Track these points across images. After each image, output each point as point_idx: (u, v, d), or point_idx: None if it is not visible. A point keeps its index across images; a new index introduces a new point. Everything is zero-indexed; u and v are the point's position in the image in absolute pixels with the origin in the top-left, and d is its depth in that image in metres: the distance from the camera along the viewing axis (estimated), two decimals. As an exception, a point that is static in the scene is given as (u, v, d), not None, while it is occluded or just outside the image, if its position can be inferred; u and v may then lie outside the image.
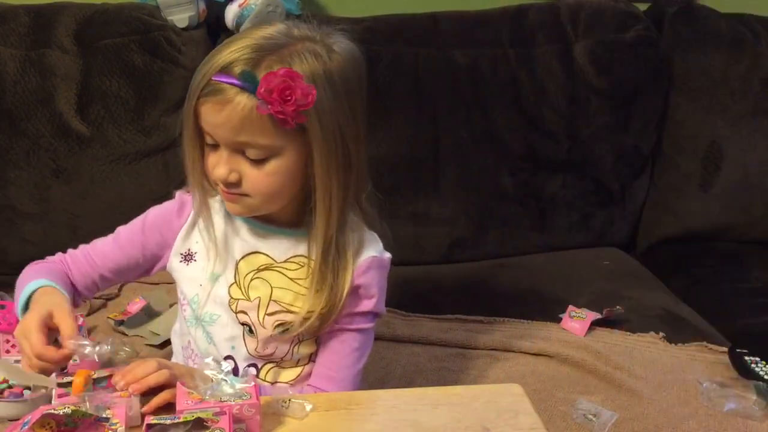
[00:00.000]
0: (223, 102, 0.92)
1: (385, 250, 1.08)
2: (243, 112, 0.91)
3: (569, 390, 1.39)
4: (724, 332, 1.61)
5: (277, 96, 0.89)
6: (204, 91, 0.93)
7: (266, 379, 1.07)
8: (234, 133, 0.93)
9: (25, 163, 1.71)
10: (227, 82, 0.92)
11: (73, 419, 0.79)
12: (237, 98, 0.91)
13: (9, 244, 1.74)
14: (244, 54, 0.93)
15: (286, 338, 1.04)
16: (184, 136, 0.99)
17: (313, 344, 1.07)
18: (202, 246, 1.06)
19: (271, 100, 0.89)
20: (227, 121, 0.92)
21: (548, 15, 1.93)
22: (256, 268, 1.04)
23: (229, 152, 0.95)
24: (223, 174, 0.95)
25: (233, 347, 1.05)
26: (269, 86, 0.89)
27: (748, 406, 1.33)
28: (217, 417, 0.80)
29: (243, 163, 0.95)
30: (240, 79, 0.91)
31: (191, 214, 1.07)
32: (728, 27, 1.96)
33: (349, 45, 1.01)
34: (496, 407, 0.91)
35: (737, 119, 1.94)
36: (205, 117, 0.94)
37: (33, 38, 1.73)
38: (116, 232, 1.12)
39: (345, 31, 1.02)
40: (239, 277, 1.04)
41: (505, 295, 1.74)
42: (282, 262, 1.04)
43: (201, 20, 1.79)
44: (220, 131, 0.94)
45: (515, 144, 1.88)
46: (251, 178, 0.96)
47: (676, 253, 1.99)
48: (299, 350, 1.06)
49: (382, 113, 1.82)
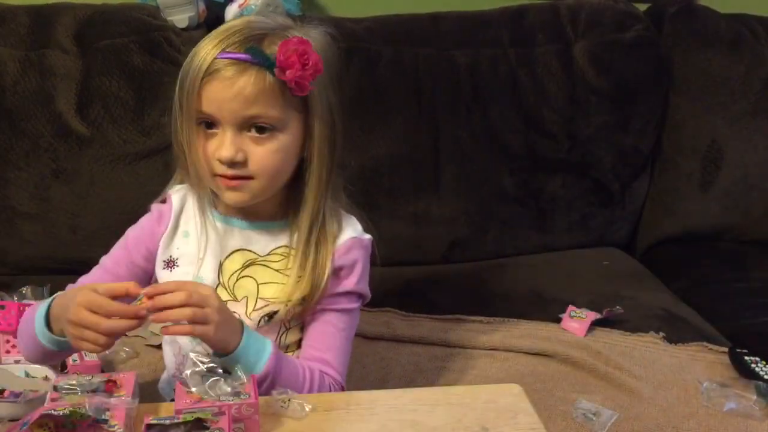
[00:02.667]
0: (233, 77, 0.94)
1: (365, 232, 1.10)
2: (256, 83, 0.94)
3: (569, 390, 1.38)
4: (724, 332, 1.61)
5: (297, 60, 0.92)
6: (208, 71, 0.94)
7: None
8: (245, 106, 0.95)
9: (25, 163, 1.72)
10: (235, 58, 0.94)
11: (71, 420, 0.79)
12: (248, 71, 0.94)
13: (9, 244, 1.74)
14: (241, 35, 0.96)
15: (273, 328, 1.05)
16: (182, 127, 0.99)
17: (299, 332, 1.08)
18: (184, 251, 1.06)
19: (290, 64, 0.92)
20: (238, 95, 0.94)
21: (548, 15, 1.93)
22: (241, 266, 1.05)
23: (234, 132, 0.96)
24: (230, 153, 0.96)
25: None
26: (287, 52, 0.92)
27: (748, 406, 1.33)
28: (216, 417, 0.80)
29: (247, 142, 0.97)
30: (248, 53, 0.94)
31: (170, 221, 1.08)
32: (728, 27, 1.96)
33: (323, 33, 1.04)
34: (495, 407, 0.91)
35: (737, 119, 1.94)
36: (210, 96, 0.95)
37: (33, 38, 1.73)
38: (100, 262, 1.12)
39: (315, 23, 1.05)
40: (223, 278, 1.05)
41: (505, 295, 1.74)
42: (265, 256, 1.05)
43: (201, 20, 1.79)
44: (229, 106, 0.95)
45: (515, 144, 1.88)
46: (257, 156, 0.97)
47: (676, 253, 1.99)
48: (286, 338, 1.07)
49: (382, 113, 1.82)
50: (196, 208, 1.07)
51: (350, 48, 1.80)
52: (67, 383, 0.85)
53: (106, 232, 1.73)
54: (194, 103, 0.96)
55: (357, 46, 1.81)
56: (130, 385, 0.86)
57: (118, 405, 0.83)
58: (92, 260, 1.72)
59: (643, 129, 1.94)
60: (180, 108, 0.98)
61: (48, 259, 1.76)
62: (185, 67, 0.98)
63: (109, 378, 0.87)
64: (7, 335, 1.29)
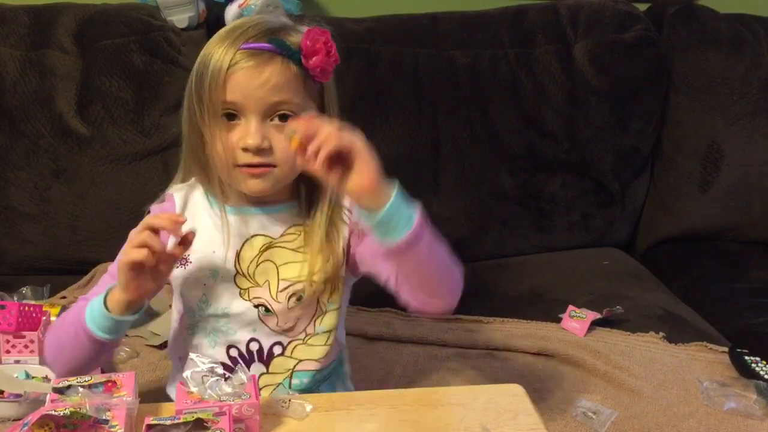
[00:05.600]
0: (258, 65, 0.96)
1: None
2: (283, 72, 0.96)
3: (569, 389, 1.39)
4: (724, 332, 1.61)
5: (323, 46, 0.95)
6: (232, 62, 0.96)
7: (293, 356, 1.07)
8: (273, 93, 0.96)
9: (25, 163, 1.72)
10: (258, 48, 0.96)
11: (72, 421, 0.79)
12: (273, 60, 0.96)
13: (9, 244, 1.74)
14: (259, 28, 0.98)
15: (307, 312, 1.05)
16: (203, 122, 0.98)
17: (336, 315, 1.07)
18: (194, 247, 1.05)
19: (316, 51, 0.95)
20: (266, 82, 0.96)
21: (548, 15, 1.93)
22: (259, 252, 1.05)
23: (258, 120, 0.97)
24: (257, 141, 0.96)
25: (254, 329, 1.06)
26: (313, 40, 0.95)
27: (748, 405, 1.33)
28: (217, 417, 0.80)
29: (271, 131, 0.98)
30: (272, 44, 0.96)
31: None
32: (728, 27, 1.96)
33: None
34: (496, 407, 0.91)
35: (737, 119, 1.94)
36: (235, 85, 0.96)
37: (33, 38, 1.73)
38: (108, 269, 1.10)
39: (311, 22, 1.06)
40: (242, 267, 1.05)
41: (505, 295, 1.74)
42: (279, 237, 1.05)
43: (201, 21, 1.79)
44: (256, 94, 0.96)
45: (515, 144, 1.88)
46: (281, 143, 0.97)
47: (676, 253, 1.99)
48: (322, 322, 1.07)
49: (382, 113, 1.82)
50: (204, 203, 1.07)
51: (350, 48, 1.80)
52: (67, 384, 0.85)
53: (106, 232, 1.75)
54: (219, 95, 0.97)
55: (357, 46, 1.81)
56: (130, 385, 0.86)
57: (118, 405, 0.83)
58: (92, 260, 1.74)
59: (643, 129, 1.94)
60: (200, 103, 0.98)
61: (48, 259, 1.76)
62: (200, 64, 0.98)
63: (109, 378, 0.87)
64: (7, 335, 1.28)
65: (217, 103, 0.97)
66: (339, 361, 1.14)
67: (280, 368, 1.07)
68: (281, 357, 1.07)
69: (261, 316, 1.05)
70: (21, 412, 1.06)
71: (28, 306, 1.34)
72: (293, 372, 1.07)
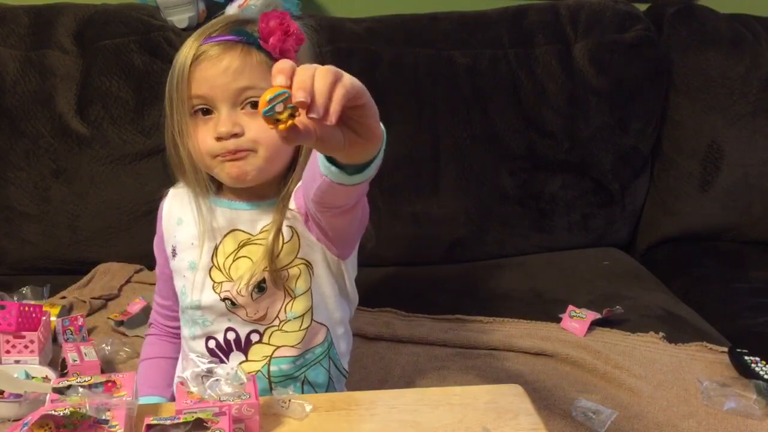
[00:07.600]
0: (219, 55, 0.97)
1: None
2: (242, 57, 0.97)
3: (569, 389, 1.39)
4: (724, 332, 1.61)
5: (278, 27, 0.95)
6: (195, 56, 0.98)
7: (271, 343, 1.06)
8: (234, 79, 0.97)
9: (25, 163, 1.72)
10: (220, 40, 0.98)
11: (71, 421, 0.79)
12: (234, 48, 0.98)
13: (9, 244, 1.75)
14: (224, 22, 1.00)
15: (275, 300, 1.05)
16: (174, 118, 1.02)
17: (306, 299, 1.06)
18: (179, 239, 1.09)
19: (271, 31, 0.95)
20: (227, 69, 0.97)
21: (548, 15, 1.93)
22: (236, 247, 1.05)
23: (228, 109, 0.98)
24: (227, 126, 0.97)
25: (229, 319, 1.07)
26: (269, 22, 0.95)
27: (748, 405, 1.33)
28: (216, 417, 0.80)
29: (243, 117, 0.99)
30: (232, 34, 0.98)
31: (163, 214, 1.13)
32: (728, 27, 1.96)
33: (304, 24, 1.04)
34: (496, 407, 0.91)
35: (737, 119, 1.94)
36: (200, 78, 0.98)
37: (33, 38, 1.73)
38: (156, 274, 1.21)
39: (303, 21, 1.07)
40: (218, 261, 1.06)
41: (505, 295, 1.74)
42: (257, 235, 1.06)
43: (201, 21, 1.79)
44: (219, 82, 0.97)
45: (515, 144, 1.88)
46: (254, 127, 0.98)
47: (676, 253, 1.99)
48: (293, 308, 1.06)
49: (382, 113, 1.80)
50: (189, 195, 1.08)
51: (350, 48, 1.80)
52: (67, 384, 0.85)
53: (106, 232, 1.75)
54: (185, 90, 0.99)
55: (357, 47, 1.81)
56: (130, 385, 0.86)
57: (118, 405, 0.83)
58: (92, 260, 1.74)
59: (642, 129, 1.94)
60: (170, 100, 1.02)
61: (48, 259, 1.76)
62: (173, 63, 1.01)
63: (109, 378, 0.87)
64: (7, 335, 1.29)
65: (186, 98, 0.99)
66: (329, 342, 1.11)
67: (258, 355, 1.07)
68: (259, 344, 1.07)
69: (229, 309, 1.06)
70: (21, 412, 1.06)
71: (28, 306, 1.34)
72: (271, 359, 1.07)
